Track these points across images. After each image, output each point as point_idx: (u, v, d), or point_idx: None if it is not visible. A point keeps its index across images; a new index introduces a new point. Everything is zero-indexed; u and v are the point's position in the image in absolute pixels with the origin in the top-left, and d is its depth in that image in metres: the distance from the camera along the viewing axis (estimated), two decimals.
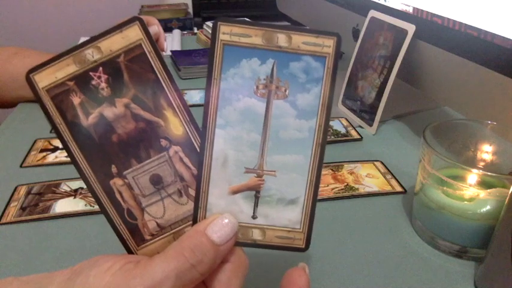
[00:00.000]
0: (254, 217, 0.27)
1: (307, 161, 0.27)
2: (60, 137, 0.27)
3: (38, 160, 0.56)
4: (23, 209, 0.47)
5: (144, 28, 0.27)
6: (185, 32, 1.18)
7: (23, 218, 0.46)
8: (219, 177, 0.27)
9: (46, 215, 0.46)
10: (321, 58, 0.26)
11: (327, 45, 0.26)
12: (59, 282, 0.24)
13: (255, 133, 0.27)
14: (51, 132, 0.64)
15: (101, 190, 0.28)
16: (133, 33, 0.27)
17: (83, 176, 0.27)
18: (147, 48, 0.27)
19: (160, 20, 0.67)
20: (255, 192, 0.27)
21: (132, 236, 0.28)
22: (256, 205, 0.27)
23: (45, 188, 0.51)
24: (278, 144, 0.27)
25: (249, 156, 0.27)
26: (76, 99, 0.27)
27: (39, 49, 0.73)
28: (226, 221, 0.26)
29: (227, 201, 0.27)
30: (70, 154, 0.27)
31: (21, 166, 0.55)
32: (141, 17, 0.28)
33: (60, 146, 0.59)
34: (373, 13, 0.66)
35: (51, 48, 0.77)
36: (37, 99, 0.27)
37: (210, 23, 1.05)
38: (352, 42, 0.72)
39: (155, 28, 0.67)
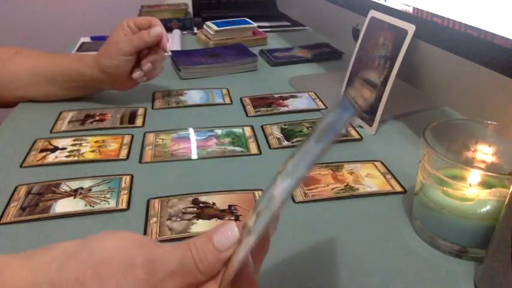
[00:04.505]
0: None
1: None
2: None
3: (38, 160, 0.56)
4: (23, 209, 0.47)
5: None
6: (185, 32, 1.18)
7: (23, 218, 0.46)
8: None
9: (46, 215, 0.46)
10: None
11: None
12: (71, 244, 0.27)
13: None
14: (51, 132, 0.64)
15: None
16: None
17: None
18: None
19: (160, 20, 0.67)
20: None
21: None
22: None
23: (45, 188, 0.51)
24: None
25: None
26: None
27: (40, 49, 0.73)
28: (230, 232, 0.27)
29: None
30: None
31: (21, 166, 0.55)
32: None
33: (60, 146, 0.59)
34: (373, 13, 0.66)
35: (52, 48, 0.77)
36: None
37: (210, 23, 1.04)
38: (352, 42, 0.73)
39: (158, 29, 0.66)
